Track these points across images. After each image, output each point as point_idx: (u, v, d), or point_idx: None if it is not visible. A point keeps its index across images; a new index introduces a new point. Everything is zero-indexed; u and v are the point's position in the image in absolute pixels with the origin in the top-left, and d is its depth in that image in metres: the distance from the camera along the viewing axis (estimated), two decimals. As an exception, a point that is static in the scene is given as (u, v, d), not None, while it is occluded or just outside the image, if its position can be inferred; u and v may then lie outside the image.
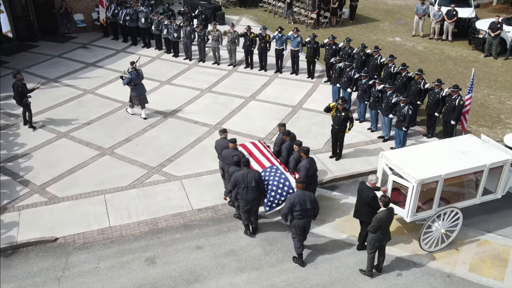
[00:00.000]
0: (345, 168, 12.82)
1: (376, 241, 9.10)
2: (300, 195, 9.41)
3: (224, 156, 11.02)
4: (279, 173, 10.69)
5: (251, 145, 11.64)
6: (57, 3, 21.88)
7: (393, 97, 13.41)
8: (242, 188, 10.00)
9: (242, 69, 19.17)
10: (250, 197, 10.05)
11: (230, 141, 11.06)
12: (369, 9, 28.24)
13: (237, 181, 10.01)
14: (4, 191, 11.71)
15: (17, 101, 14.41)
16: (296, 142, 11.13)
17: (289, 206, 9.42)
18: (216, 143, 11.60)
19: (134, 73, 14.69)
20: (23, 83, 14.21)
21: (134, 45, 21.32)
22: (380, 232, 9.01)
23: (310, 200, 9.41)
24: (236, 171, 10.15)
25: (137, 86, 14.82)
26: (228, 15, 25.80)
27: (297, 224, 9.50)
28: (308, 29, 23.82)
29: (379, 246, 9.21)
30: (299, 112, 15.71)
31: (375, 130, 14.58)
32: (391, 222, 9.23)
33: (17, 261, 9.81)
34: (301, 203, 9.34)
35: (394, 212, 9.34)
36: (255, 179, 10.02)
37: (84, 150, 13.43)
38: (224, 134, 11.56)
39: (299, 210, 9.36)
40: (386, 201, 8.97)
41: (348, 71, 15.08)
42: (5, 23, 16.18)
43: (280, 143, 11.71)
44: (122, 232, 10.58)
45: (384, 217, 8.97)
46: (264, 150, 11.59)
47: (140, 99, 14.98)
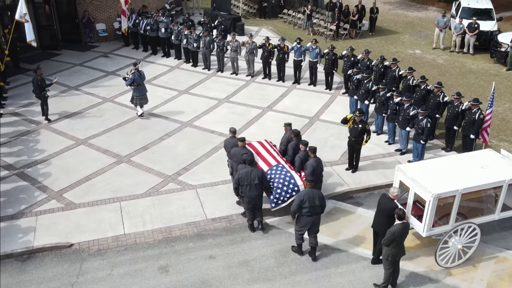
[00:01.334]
0: (361, 180, 12.70)
1: (390, 256, 8.96)
2: (309, 193, 9.69)
3: (232, 154, 11.37)
4: (285, 171, 10.98)
5: (258, 144, 11.97)
6: (80, 13, 22.34)
7: (410, 110, 13.28)
8: (245, 186, 10.38)
9: (260, 79, 19.23)
10: (253, 194, 10.43)
11: (239, 140, 11.41)
12: (390, 22, 28.13)
13: (241, 179, 10.40)
14: (22, 196, 11.89)
15: (36, 94, 15.34)
16: (302, 142, 11.42)
17: (299, 203, 9.67)
18: (225, 142, 11.97)
19: (136, 74, 15.30)
20: (42, 78, 15.18)
21: (154, 55, 21.59)
22: (394, 246, 8.87)
23: (318, 197, 9.71)
24: (241, 169, 10.49)
25: (139, 86, 15.44)
26: (248, 25, 25.97)
27: (305, 220, 9.76)
28: (327, 40, 23.82)
29: (392, 261, 9.04)
30: (316, 124, 15.66)
31: (392, 143, 14.43)
32: (406, 236, 9.04)
33: (33, 266, 9.92)
34: (310, 200, 9.61)
35: (409, 226, 9.19)
36: (258, 177, 10.39)
37: (101, 157, 13.58)
38: (234, 134, 11.89)
39: (308, 207, 9.62)
40: (401, 214, 8.83)
41: (366, 83, 15.00)
42: (30, 32, 16.51)
43: (286, 142, 12.00)
44: (136, 240, 10.63)
45: (398, 231, 8.80)
46: (271, 149, 11.91)
47: (141, 99, 15.67)
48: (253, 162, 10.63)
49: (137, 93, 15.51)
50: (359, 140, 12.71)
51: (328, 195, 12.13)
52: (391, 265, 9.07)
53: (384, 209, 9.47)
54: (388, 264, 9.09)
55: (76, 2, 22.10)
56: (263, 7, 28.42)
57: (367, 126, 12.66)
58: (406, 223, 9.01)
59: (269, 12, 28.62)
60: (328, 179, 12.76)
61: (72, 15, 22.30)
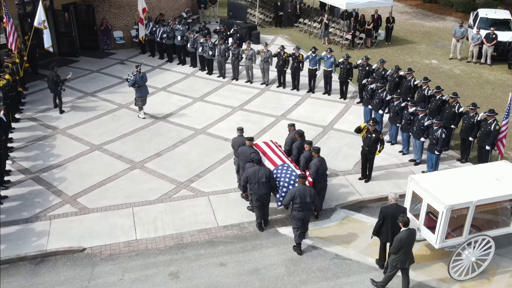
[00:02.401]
0: (374, 190, 12.61)
1: (398, 262, 8.96)
2: (300, 189, 10.11)
3: (239, 152, 11.71)
4: (290, 170, 11.26)
5: (263, 145, 12.32)
6: (98, 21, 22.67)
7: (425, 120, 13.18)
8: (254, 184, 10.74)
9: (275, 88, 19.27)
10: (261, 192, 10.76)
11: (247, 139, 11.74)
12: (406, 31, 27.99)
13: (249, 177, 10.78)
14: (37, 200, 12.05)
15: (51, 89, 16.51)
16: (307, 142, 11.83)
17: (290, 198, 10.21)
18: (233, 141, 12.35)
19: (138, 76, 15.87)
20: (57, 74, 16.35)
21: (170, 62, 21.79)
22: (402, 253, 8.86)
23: (310, 195, 10.09)
24: (249, 168, 10.85)
25: (141, 87, 16.00)
26: (264, 34, 26.07)
27: (297, 215, 10.17)
28: (342, 50, 23.79)
29: (401, 268, 9.06)
30: (329, 133, 15.62)
31: (406, 153, 14.32)
32: (413, 243, 9.04)
33: (45, 269, 10.03)
34: (301, 197, 10.03)
35: (415, 232, 9.17)
36: (266, 175, 10.73)
37: (115, 163, 13.71)
38: (241, 133, 12.27)
39: (299, 203, 10.05)
40: (405, 221, 8.85)
41: (380, 93, 14.93)
42: (48, 38, 16.83)
43: (290, 142, 12.38)
44: (147, 245, 10.69)
45: (405, 237, 8.80)
46: (276, 149, 12.24)
47: (143, 100, 16.25)
48: (260, 161, 11.00)
49: (138, 94, 16.12)
50: (372, 149, 12.65)
51: (340, 204, 12.12)
52: (395, 269, 9.14)
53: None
54: (392, 269, 9.16)
55: (94, 10, 22.44)
56: (279, 16, 28.53)
57: (380, 135, 12.60)
58: (412, 229, 9.00)
59: (284, 21, 28.70)
60: (341, 188, 12.71)
61: (91, 22, 22.63)
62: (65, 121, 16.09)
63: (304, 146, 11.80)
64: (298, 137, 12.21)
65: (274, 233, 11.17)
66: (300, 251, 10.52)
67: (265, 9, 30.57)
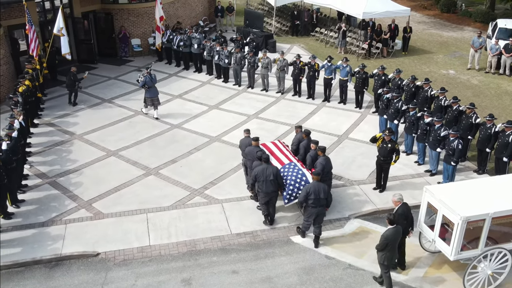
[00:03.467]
0: (388, 200, 12.46)
1: (385, 260, 9.27)
2: (315, 186, 10.55)
3: (247, 153, 12.13)
4: (297, 169, 11.63)
5: (271, 144, 12.76)
6: (116, 28, 22.99)
7: (441, 131, 13.06)
8: (261, 182, 11.05)
9: (290, 96, 19.29)
10: (268, 190, 11.08)
11: (253, 139, 12.16)
12: (423, 41, 27.83)
13: (257, 175, 11.09)
14: (53, 204, 12.21)
15: (69, 87, 17.71)
16: (313, 141, 12.23)
17: (305, 195, 10.57)
18: (241, 142, 12.72)
19: (148, 77, 16.50)
20: (75, 73, 17.43)
21: (186, 70, 21.96)
22: (389, 250, 9.19)
23: (323, 191, 10.54)
24: (257, 166, 11.19)
25: (151, 88, 16.64)
26: (280, 43, 26.15)
27: (311, 211, 10.61)
28: (358, 59, 23.74)
29: (389, 265, 9.40)
30: (344, 142, 15.57)
31: (422, 164, 14.19)
32: (398, 239, 9.44)
33: (60, 273, 10.13)
34: (316, 193, 10.45)
35: (401, 230, 9.41)
36: (273, 174, 11.07)
37: (131, 169, 13.83)
38: (248, 134, 12.64)
39: (313, 199, 10.48)
40: (392, 219, 9.25)
41: (396, 103, 14.85)
42: (65, 45, 17.12)
43: (297, 142, 12.78)
44: (161, 252, 10.73)
45: (391, 235, 9.15)
46: (283, 148, 12.64)
47: (153, 100, 16.78)
48: (268, 160, 11.37)
49: (148, 95, 16.74)
50: (387, 159, 12.57)
51: (354, 214, 12.05)
52: (387, 269, 9.38)
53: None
54: (384, 268, 9.39)
55: (113, 18, 22.77)
56: (296, 25, 28.60)
57: (396, 145, 12.52)
58: (398, 227, 9.31)
59: (301, 30, 28.75)
60: (355, 198, 12.64)
61: (109, 30, 22.95)
62: (82, 126, 16.31)
63: (310, 145, 12.20)
64: (305, 137, 12.67)
65: (287, 241, 11.14)
66: (304, 234, 11.08)
67: (282, 18, 30.69)
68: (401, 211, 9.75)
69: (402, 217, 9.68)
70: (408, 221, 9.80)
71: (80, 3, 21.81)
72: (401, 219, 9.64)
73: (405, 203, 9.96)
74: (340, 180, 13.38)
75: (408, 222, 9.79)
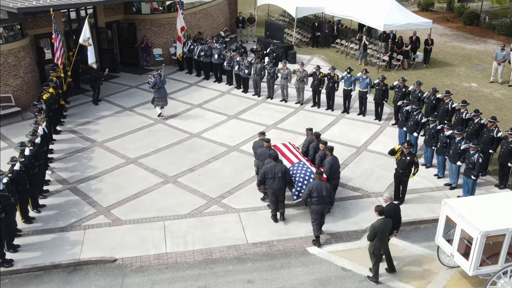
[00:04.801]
0: (406, 213, 12.35)
1: (375, 249, 9.80)
2: (317, 184, 10.99)
3: (259, 154, 12.70)
4: (306, 167, 12.12)
5: (282, 146, 13.30)
6: (139, 38, 23.37)
7: (462, 144, 12.90)
8: (270, 178, 11.52)
9: (309, 107, 19.30)
10: (276, 187, 11.57)
11: (265, 141, 12.76)
12: (445, 54, 27.60)
13: (266, 172, 11.57)
14: (73, 210, 12.41)
15: (91, 85, 18.83)
16: (322, 142, 12.83)
17: (308, 193, 11.03)
18: (254, 144, 13.29)
19: (158, 78, 17.46)
20: (96, 70, 18.48)
21: (206, 80, 22.17)
22: (378, 240, 9.71)
23: (326, 189, 10.97)
24: (267, 164, 11.71)
25: (160, 89, 17.56)
26: (300, 54, 26.24)
27: (315, 209, 11.00)
28: (379, 71, 23.65)
29: (377, 255, 9.88)
30: (363, 154, 15.48)
31: (442, 177, 14.02)
32: (388, 231, 9.90)
33: (78, 278, 10.26)
34: (318, 191, 10.88)
35: (390, 222, 9.87)
36: (282, 171, 11.56)
37: (149, 176, 13.99)
38: (262, 136, 13.19)
39: (316, 196, 10.89)
40: (381, 210, 9.74)
41: (415, 115, 14.73)
42: (92, 55, 17.49)
43: (307, 144, 13.36)
44: (177, 259, 10.80)
45: (379, 225, 9.67)
46: (293, 149, 13.21)
47: (162, 100, 17.79)
48: (277, 158, 11.90)
49: (157, 95, 17.64)
50: (406, 172, 12.46)
51: (371, 226, 11.92)
52: (376, 258, 9.92)
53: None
54: (373, 257, 9.95)
55: (136, 28, 23.17)
56: (316, 36, 28.67)
57: (415, 158, 12.41)
58: (387, 219, 9.80)
59: (321, 42, 28.80)
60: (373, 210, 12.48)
61: (132, 40, 23.35)
62: (103, 134, 16.58)
63: (319, 146, 12.76)
64: (315, 139, 13.21)
65: (303, 252, 11.10)
66: (319, 244, 11.19)
67: (302, 29, 30.81)
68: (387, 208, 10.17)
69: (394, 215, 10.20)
70: (394, 221, 10.14)
71: (104, 13, 22.27)
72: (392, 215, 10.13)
73: (395, 204, 10.51)
74: (358, 191, 13.30)
75: (394, 222, 10.12)
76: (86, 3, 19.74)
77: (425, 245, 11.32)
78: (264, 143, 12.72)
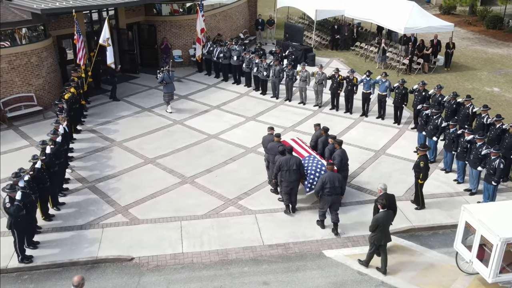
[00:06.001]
0: (425, 218, 12.24)
1: (376, 240, 10.17)
2: (330, 175, 11.37)
3: (269, 148, 12.99)
4: (317, 160, 12.48)
5: (291, 141, 13.67)
6: (159, 40, 23.57)
7: (483, 149, 12.71)
8: (285, 171, 11.85)
9: (328, 110, 19.22)
10: (291, 179, 11.90)
11: (275, 135, 13.15)
12: (467, 57, 27.24)
13: (281, 165, 11.90)
14: (92, 208, 12.55)
15: (109, 82, 19.47)
16: (331, 136, 13.23)
17: (321, 184, 11.37)
18: (263, 138, 13.67)
19: (166, 74, 18.14)
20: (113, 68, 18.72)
21: (225, 81, 22.25)
22: (379, 231, 10.06)
23: (338, 179, 11.39)
24: (281, 157, 12.02)
25: (168, 84, 18.25)
26: (319, 57, 26.16)
27: (326, 199, 11.39)
28: (399, 74, 23.44)
29: (378, 245, 10.24)
30: (381, 157, 15.36)
31: (462, 182, 13.82)
32: (389, 223, 10.29)
33: (95, 275, 10.38)
34: (331, 182, 11.27)
35: (392, 215, 10.35)
36: (296, 164, 11.91)
37: (167, 177, 14.08)
38: (272, 131, 13.61)
39: (329, 187, 11.27)
40: (383, 203, 10.05)
41: (435, 119, 14.56)
42: (111, 55, 17.70)
43: (315, 139, 13.77)
44: (193, 259, 10.84)
45: (382, 217, 10.02)
46: (302, 144, 13.63)
47: (169, 95, 18.47)
48: (291, 151, 12.21)
49: (165, 90, 18.35)
50: (418, 174, 12.41)
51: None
52: (373, 247, 10.32)
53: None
54: (371, 246, 10.36)
55: (156, 30, 23.38)
56: (336, 39, 28.55)
57: (421, 163, 12.29)
58: (389, 212, 10.17)
59: (341, 44, 28.66)
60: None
61: (152, 41, 23.55)
62: (122, 134, 16.75)
63: (328, 140, 13.15)
64: (324, 133, 13.61)
65: (319, 255, 11.04)
66: (323, 226, 11.77)
67: (322, 32, 30.73)
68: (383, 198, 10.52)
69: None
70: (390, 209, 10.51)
71: (125, 14, 22.52)
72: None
73: (391, 194, 10.93)
74: (375, 195, 13.14)
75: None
76: (107, 5, 19.97)
77: (443, 251, 11.17)
78: (274, 138, 13.04)
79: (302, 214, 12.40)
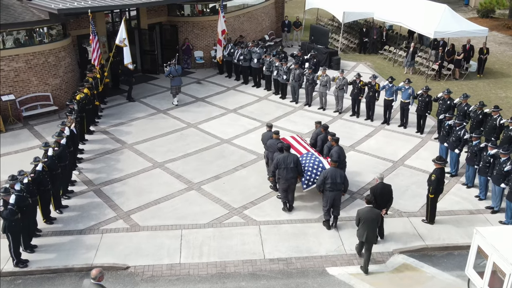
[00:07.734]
0: (440, 237, 11.44)
1: (358, 234, 10.24)
2: (332, 171, 11.36)
3: (268, 145, 13.14)
4: (314, 157, 12.54)
5: (290, 138, 13.86)
6: (181, 40, 23.35)
7: (507, 165, 11.80)
8: (283, 169, 11.88)
9: (348, 116, 18.51)
10: (288, 176, 11.92)
11: (274, 133, 13.17)
12: (502, 63, 25.90)
13: (279, 163, 11.92)
14: (94, 212, 12.34)
15: (126, 81, 19.85)
16: (330, 133, 13.24)
17: (322, 179, 11.37)
18: (263, 136, 13.87)
19: (173, 67, 18.70)
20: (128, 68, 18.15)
21: (245, 84, 21.81)
22: (361, 226, 10.06)
23: (340, 176, 11.33)
24: (278, 155, 12.06)
25: (175, 78, 18.77)
26: (345, 60, 25.42)
27: (328, 195, 11.37)
28: (427, 80, 22.44)
29: (361, 241, 10.24)
30: (399, 169, 14.58)
31: (483, 199, 12.91)
32: (374, 221, 10.07)
33: (88, 283, 10.10)
34: (333, 177, 11.25)
35: (377, 213, 10.15)
36: (294, 161, 11.94)
37: (174, 182, 13.75)
38: (270, 128, 13.71)
39: (330, 183, 11.27)
40: (369, 199, 10.17)
41: (458, 130, 13.69)
42: (127, 55, 17.51)
43: (315, 136, 13.84)
44: (190, 271, 10.44)
45: (363, 212, 10.04)
46: (301, 141, 13.74)
47: (176, 88, 18.99)
48: (289, 149, 12.26)
49: (173, 83, 18.88)
50: (429, 188, 11.63)
51: (399, 249, 11.12)
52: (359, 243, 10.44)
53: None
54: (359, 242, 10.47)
55: (178, 30, 23.17)
56: (364, 42, 27.70)
57: (432, 176, 11.57)
58: (373, 209, 10.09)
59: (369, 48, 27.79)
60: (402, 230, 11.68)
61: (173, 41, 23.35)
62: (134, 136, 16.54)
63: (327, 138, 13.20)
64: (323, 131, 13.65)
65: (321, 272, 10.44)
66: (329, 226, 11.67)
67: (350, 34, 29.93)
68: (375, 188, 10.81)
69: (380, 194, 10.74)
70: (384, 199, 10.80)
71: (147, 15, 22.40)
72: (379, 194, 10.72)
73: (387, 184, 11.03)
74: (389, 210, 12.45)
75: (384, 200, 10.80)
76: (124, 5, 19.81)
77: (456, 273, 10.37)
78: (273, 135, 13.08)
79: (309, 226, 11.84)
